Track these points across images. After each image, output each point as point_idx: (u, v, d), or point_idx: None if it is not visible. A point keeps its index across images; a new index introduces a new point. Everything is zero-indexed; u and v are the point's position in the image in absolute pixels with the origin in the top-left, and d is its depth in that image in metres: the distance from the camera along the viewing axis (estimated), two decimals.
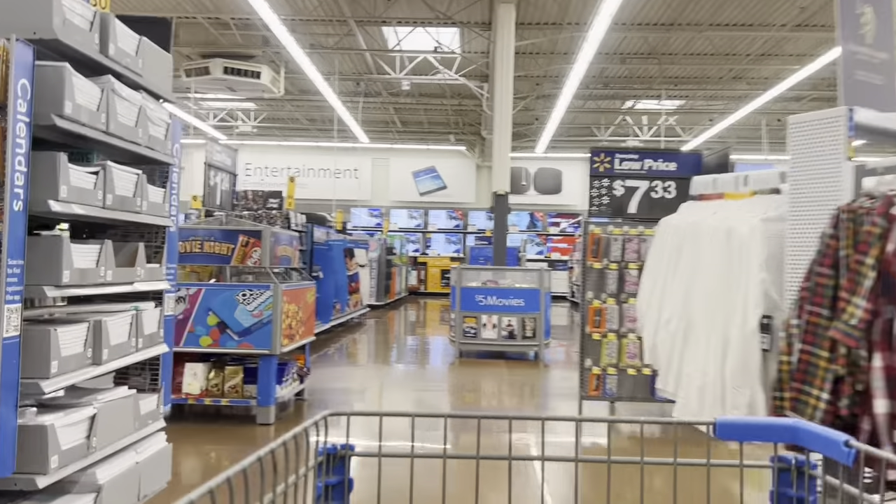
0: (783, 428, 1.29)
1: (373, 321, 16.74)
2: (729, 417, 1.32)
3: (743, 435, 1.31)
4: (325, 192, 26.81)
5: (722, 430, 1.30)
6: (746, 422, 1.33)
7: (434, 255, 27.52)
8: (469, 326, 10.63)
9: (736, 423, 1.31)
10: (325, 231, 14.52)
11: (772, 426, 1.30)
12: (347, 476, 1.40)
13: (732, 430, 1.30)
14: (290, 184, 10.92)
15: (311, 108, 23.81)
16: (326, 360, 10.57)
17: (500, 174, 13.30)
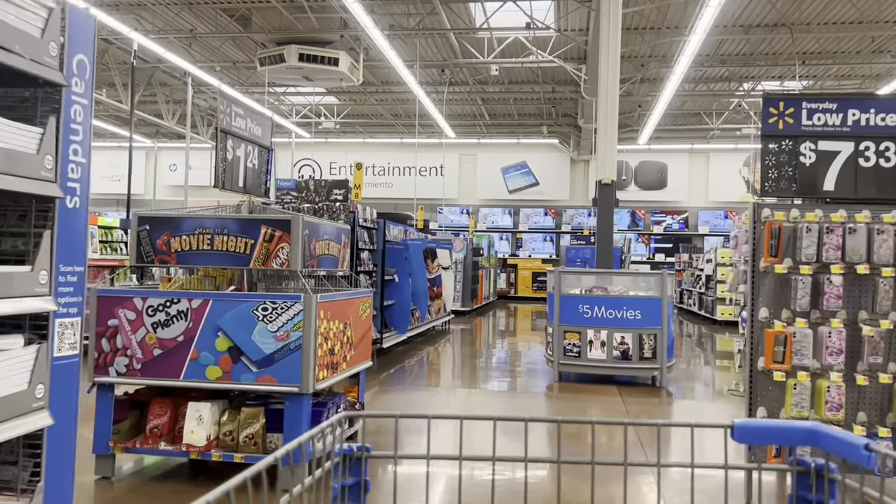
0: (802, 431, 1.26)
1: (457, 330, 14.79)
2: (747, 420, 1.27)
3: (761, 438, 1.28)
4: (409, 190, 25.12)
5: (740, 433, 1.27)
6: (765, 425, 1.28)
7: (525, 257, 25.37)
8: (571, 343, 8.51)
9: (754, 426, 1.27)
10: (402, 229, 12.66)
11: (791, 429, 1.27)
12: (364, 477, 1.37)
13: (750, 433, 1.27)
14: (356, 172, 9.13)
15: (394, 102, 22.13)
16: (397, 380, 8.68)
17: (606, 160, 11.09)
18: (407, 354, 10.82)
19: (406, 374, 9.15)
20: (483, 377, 9.21)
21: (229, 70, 19.10)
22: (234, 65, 18.57)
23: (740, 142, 24.47)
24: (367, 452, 1.39)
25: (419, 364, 10.08)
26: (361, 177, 9.06)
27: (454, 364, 10.30)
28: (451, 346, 12.31)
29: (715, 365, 10.93)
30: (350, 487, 1.37)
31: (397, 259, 11.28)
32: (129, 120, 16.47)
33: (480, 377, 9.21)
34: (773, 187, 4.40)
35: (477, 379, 9.06)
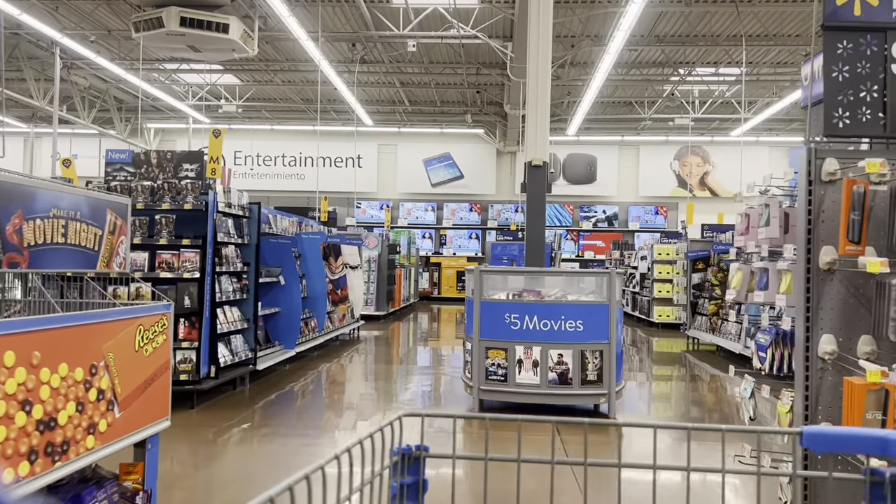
0: (875, 439, 1.19)
1: (367, 338, 12.61)
2: (818, 427, 1.22)
3: (832, 446, 1.22)
4: (326, 183, 22.77)
5: (810, 440, 1.21)
6: (836, 432, 1.22)
7: (449, 255, 23.36)
8: (495, 364, 6.47)
9: (825, 434, 1.21)
10: (294, 220, 10.41)
11: (863, 437, 1.21)
12: (422, 476, 1.36)
13: (821, 441, 1.21)
14: (212, 141, 6.84)
15: (303, 83, 19.73)
16: (263, 417, 6.47)
17: (537, 137, 9.13)
18: (291, 376, 8.58)
19: (275, 409, 6.92)
20: (382, 407, 7.06)
21: (105, 39, 16.36)
22: (110, 33, 15.86)
23: (672, 133, 23.10)
24: (425, 452, 1.37)
25: (301, 392, 7.86)
26: (219, 147, 6.80)
27: (347, 389, 8.12)
28: (353, 362, 10.12)
29: (672, 384, 9.11)
30: (408, 486, 1.36)
31: (284, 256, 9.03)
32: None
33: (379, 407, 7.06)
34: (846, 125, 2.43)
35: (373, 410, 6.91)
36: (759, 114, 20.45)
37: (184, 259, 6.44)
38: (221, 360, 6.92)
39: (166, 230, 6.45)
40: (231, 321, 7.27)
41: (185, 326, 6.45)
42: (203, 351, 6.50)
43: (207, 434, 5.88)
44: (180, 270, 6.42)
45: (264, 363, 8.05)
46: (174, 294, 6.43)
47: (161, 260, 6.43)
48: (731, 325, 10.79)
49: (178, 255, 6.46)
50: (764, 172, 4.08)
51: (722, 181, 23.59)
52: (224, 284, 7.11)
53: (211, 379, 6.75)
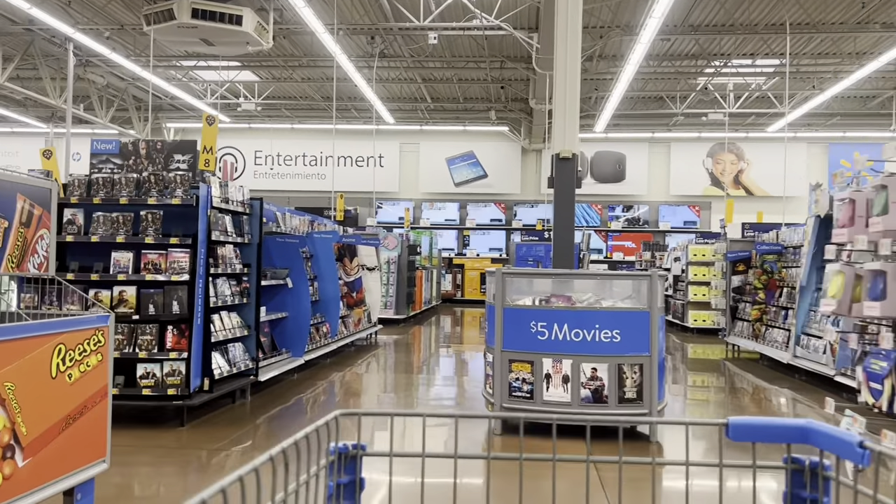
0: (796, 429, 1.24)
1: (384, 344, 11.88)
2: (741, 418, 1.26)
3: (756, 436, 1.26)
4: (345, 183, 22.13)
5: (735, 431, 1.25)
6: (759, 422, 1.25)
7: (473, 256, 22.58)
8: (520, 378, 5.69)
9: (748, 424, 1.25)
10: (304, 219, 9.71)
11: (784, 427, 1.25)
12: (359, 475, 1.36)
13: (745, 431, 1.25)
14: (206, 129, 6.14)
15: (322, 80, 19.08)
16: (265, 435, 5.75)
17: (566, 127, 8.32)
18: (298, 387, 7.86)
19: (277, 424, 6.20)
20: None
21: (119, 35, 15.84)
22: (123, 28, 15.33)
23: (705, 129, 22.10)
24: (362, 451, 1.36)
25: (308, 405, 7.13)
26: (214, 136, 6.09)
27: (359, 402, 7.38)
28: (367, 371, 9.39)
29: (715, 396, 8.25)
30: (345, 486, 1.35)
31: (292, 257, 8.32)
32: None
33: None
34: None
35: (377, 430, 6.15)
36: (798, 108, 19.39)
37: (172, 260, 5.75)
38: (216, 372, 6.21)
39: (153, 228, 5.76)
40: (229, 328, 6.57)
41: (174, 335, 5.75)
42: (194, 362, 5.80)
43: (199, 456, 5.18)
44: (168, 272, 5.73)
45: (268, 373, 7.34)
46: (161, 299, 5.74)
47: (147, 261, 5.74)
48: (778, 332, 9.87)
49: (167, 255, 5.77)
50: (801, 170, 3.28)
51: (757, 179, 22.54)
52: (221, 288, 6.41)
53: (204, 392, 6.05)
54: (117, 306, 5.71)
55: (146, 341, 5.71)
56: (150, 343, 5.71)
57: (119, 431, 5.55)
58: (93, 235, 5.74)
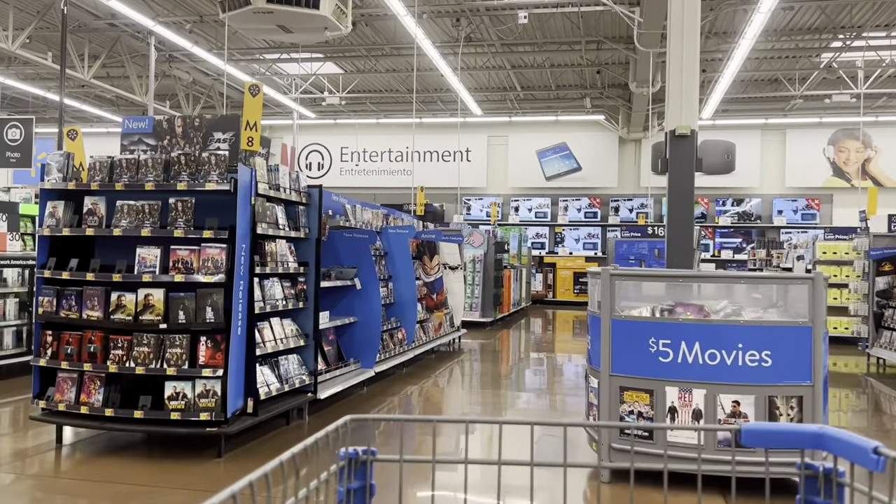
0: (810, 434, 1.23)
1: (469, 350, 10.68)
2: (754, 424, 1.25)
3: (769, 441, 1.26)
4: (432, 179, 21.13)
5: (747, 437, 1.25)
6: (772, 428, 1.25)
7: (565, 255, 21.09)
8: (634, 411, 4.35)
9: (762, 430, 1.25)
10: (377, 213, 8.65)
11: (798, 432, 1.24)
12: (369, 481, 1.35)
13: (758, 437, 1.25)
14: (248, 100, 5.11)
15: (408, 72, 18.07)
16: None
17: (683, 100, 6.88)
18: (365, 404, 6.75)
19: None
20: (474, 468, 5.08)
21: (201, 28, 15.32)
22: (202, 19, 14.77)
23: (826, 113, 19.78)
24: (372, 456, 1.35)
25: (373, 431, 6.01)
26: (258, 109, 5.05)
27: (429, 426, 6.20)
28: (447, 384, 8.21)
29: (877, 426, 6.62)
30: (355, 491, 1.34)
31: (361, 255, 7.25)
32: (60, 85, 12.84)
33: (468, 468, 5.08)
34: None
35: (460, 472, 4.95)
36: None
37: (205, 257, 4.74)
38: (262, 391, 5.17)
39: (183, 218, 4.76)
40: (280, 337, 5.53)
41: (208, 347, 4.74)
42: (233, 380, 4.77)
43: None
44: (201, 271, 4.72)
45: (330, 389, 6.27)
46: (192, 304, 4.73)
47: (176, 258, 4.75)
48: None
49: (199, 251, 4.76)
50: None
51: (887, 168, 20.03)
52: (270, 290, 5.37)
53: (246, 416, 5.02)
54: (142, 312, 4.75)
55: (175, 355, 4.72)
56: (180, 357, 4.72)
57: (140, 465, 4.57)
58: (115, 228, 4.80)
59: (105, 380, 4.82)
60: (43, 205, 5.00)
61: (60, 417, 4.84)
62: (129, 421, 4.71)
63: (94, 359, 4.79)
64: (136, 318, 4.74)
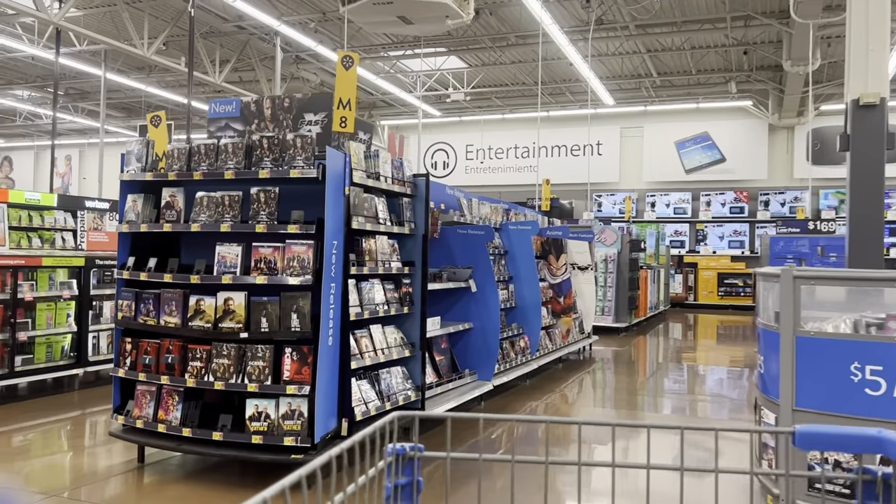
0: (868, 438, 1.20)
1: (601, 360, 9.58)
2: (810, 426, 1.22)
3: (825, 445, 1.22)
4: (561, 174, 20.05)
5: (802, 440, 1.22)
6: (829, 431, 1.22)
7: (708, 254, 19.32)
8: (830, 459, 3.22)
9: (818, 433, 1.21)
10: (496, 207, 7.79)
11: (856, 436, 1.21)
12: (417, 477, 1.35)
13: (814, 440, 1.22)
14: (341, 74, 4.38)
15: (535, 63, 17.11)
16: None
17: (869, 60, 5.54)
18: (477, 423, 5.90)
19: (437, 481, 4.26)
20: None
21: (324, 26, 15.10)
22: (325, 16, 14.52)
23: None
24: (419, 452, 1.35)
25: (495, 448, 5.14)
26: (352, 85, 4.31)
27: (565, 448, 5.24)
28: (575, 400, 7.21)
29: None
30: (403, 487, 1.34)
31: (477, 253, 6.41)
32: (188, 86, 12.95)
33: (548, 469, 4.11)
34: None
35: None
36: None
37: (290, 255, 4.06)
38: (360, 410, 4.45)
39: (265, 211, 4.11)
40: (382, 347, 4.79)
41: (293, 360, 4.06)
42: (322, 398, 4.07)
43: None
44: (286, 272, 4.05)
45: (441, 405, 5.48)
46: (276, 309, 4.07)
47: (259, 256, 4.11)
48: None
49: (283, 248, 4.09)
50: None
51: None
52: (369, 293, 4.64)
53: (340, 438, 4.31)
54: (222, 319, 4.14)
55: (257, 368, 4.08)
56: (262, 371, 4.07)
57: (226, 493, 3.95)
58: (193, 223, 4.22)
59: (183, 395, 4.25)
60: (123, 198, 4.54)
61: (137, 435, 4.33)
62: (208, 443, 4.11)
63: (172, 371, 4.24)
64: (215, 326, 4.15)
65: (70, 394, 6.70)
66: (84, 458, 4.77)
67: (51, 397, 6.51)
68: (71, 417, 5.87)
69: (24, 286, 6.24)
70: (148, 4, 14.10)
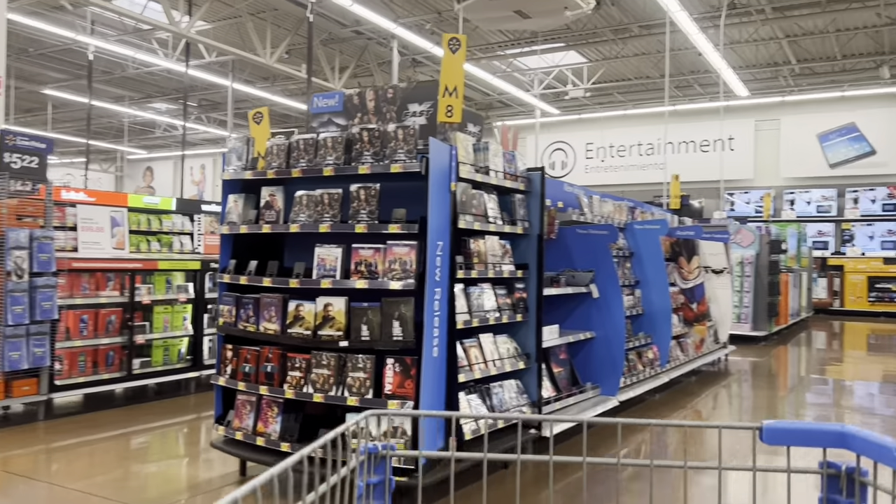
0: (833, 433, 1.23)
1: (737, 375, 8.69)
2: (776, 422, 1.27)
3: (791, 440, 1.25)
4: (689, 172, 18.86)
5: (769, 435, 1.25)
6: (794, 427, 1.26)
7: (856, 255, 17.53)
8: None
9: (784, 428, 1.25)
10: (622, 206, 7.16)
11: (821, 431, 1.25)
12: (389, 475, 1.33)
13: (780, 435, 1.25)
14: (447, 57, 3.98)
15: (659, 54, 16.15)
16: None
17: None
18: (605, 443, 5.32)
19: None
20: None
21: (440, 26, 14.90)
22: (440, 16, 14.30)
23: None
24: (391, 451, 1.34)
25: (621, 478, 4.58)
26: (458, 70, 3.88)
27: (700, 481, 4.59)
28: (711, 416, 6.46)
29: None
30: (375, 486, 1.30)
31: (598, 255, 5.85)
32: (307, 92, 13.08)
33: None
34: None
35: None
36: None
37: (391, 257, 3.70)
38: (469, 428, 4.03)
39: (365, 210, 3.77)
40: (493, 359, 4.36)
41: (395, 372, 3.70)
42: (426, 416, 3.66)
43: None
44: (387, 275, 3.69)
45: (561, 423, 4.97)
46: (376, 317, 3.72)
47: (359, 259, 3.78)
48: None
49: (384, 250, 3.74)
50: None
51: None
52: (478, 299, 4.22)
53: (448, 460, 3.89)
54: (322, 326, 3.84)
55: (357, 380, 3.75)
56: (363, 384, 3.74)
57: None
58: (292, 224, 3.95)
59: (283, 406, 3.99)
60: (224, 198, 4.35)
61: (237, 448, 4.11)
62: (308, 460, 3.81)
63: (271, 380, 3.99)
64: (314, 333, 3.86)
65: (186, 397, 6.71)
66: (186, 468, 4.64)
67: (166, 401, 6.54)
68: (182, 422, 5.83)
69: (141, 289, 6.29)
70: (271, 14, 14.42)
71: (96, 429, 5.49)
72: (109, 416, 5.89)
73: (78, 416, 5.86)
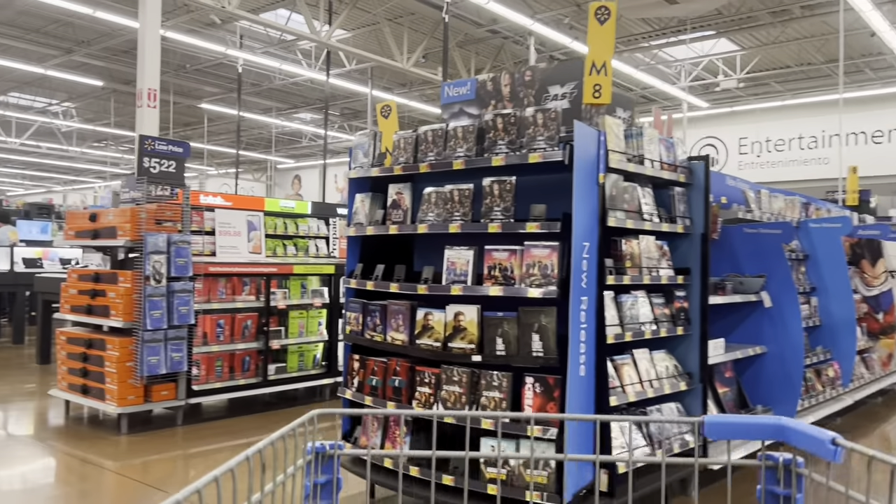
0: (770, 426, 1.23)
1: None
2: (717, 416, 1.25)
3: (731, 433, 1.25)
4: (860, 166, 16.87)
5: (710, 429, 1.25)
6: (734, 420, 1.26)
7: None
8: None
9: (724, 422, 1.25)
10: (794, 201, 6.24)
11: (759, 425, 1.24)
12: (336, 475, 1.32)
13: (720, 429, 1.25)
14: (594, 27, 3.42)
15: (826, 36, 14.55)
16: None
17: None
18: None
19: None
20: None
21: (578, 20, 14.21)
22: (580, 8, 13.62)
23: None
24: (339, 450, 1.31)
25: None
26: (609, 43, 3.30)
27: None
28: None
29: None
30: (322, 486, 1.29)
31: (769, 258, 5.04)
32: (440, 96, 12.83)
33: None
34: None
35: None
36: None
37: (530, 260, 3.21)
38: (622, 460, 3.45)
39: (500, 207, 3.31)
40: (650, 378, 3.75)
41: (536, 393, 3.20)
42: (574, 443, 3.16)
43: None
44: (524, 281, 3.21)
45: (725, 451, 4.25)
46: (513, 329, 3.24)
47: (492, 262, 3.32)
48: None
49: (520, 252, 3.26)
50: None
51: None
52: (631, 309, 3.64)
53: (601, 497, 3.36)
54: (452, 337, 3.42)
55: (493, 401, 3.29)
56: (499, 404, 3.27)
57: None
58: (420, 223, 3.56)
59: (412, 425, 3.61)
60: (351, 198, 4.04)
61: (363, 468, 3.77)
62: (437, 487, 3.40)
63: (399, 396, 3.62)
64: (444, 345, 3.44)
65: (320, 404, 6.55)
66: None
67: (301, 407, 6.40)
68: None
69: (276, 294, 6.19)
70: (407, 19, 14.37)
71: (231, 435, 5.40)
72: (245, 423, 5.81)
73: (215, 422, 5.82)
